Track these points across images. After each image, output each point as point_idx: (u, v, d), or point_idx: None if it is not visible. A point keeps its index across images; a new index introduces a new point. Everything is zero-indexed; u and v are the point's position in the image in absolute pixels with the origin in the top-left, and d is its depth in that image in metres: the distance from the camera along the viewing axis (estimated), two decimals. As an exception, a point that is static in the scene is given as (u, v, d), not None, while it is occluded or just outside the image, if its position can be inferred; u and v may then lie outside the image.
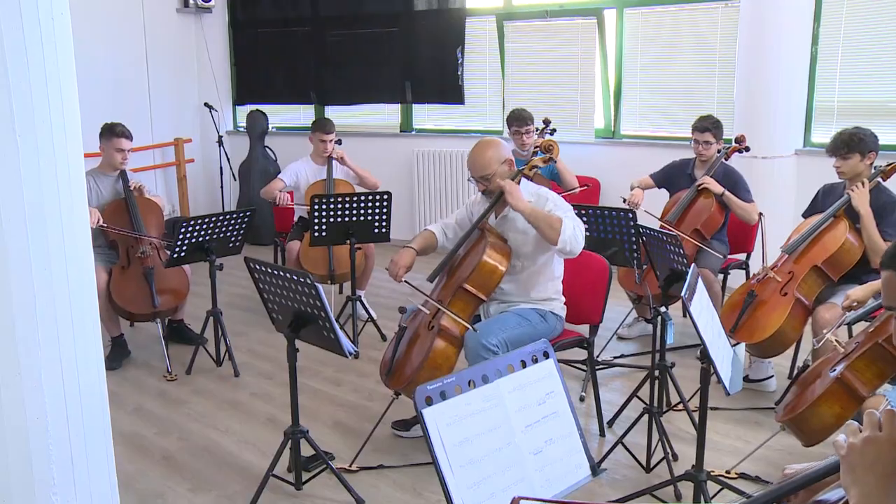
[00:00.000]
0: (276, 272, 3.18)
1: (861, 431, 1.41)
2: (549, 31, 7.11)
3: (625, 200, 4.98)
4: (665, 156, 5.45)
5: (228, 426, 4.15)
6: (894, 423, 1.39)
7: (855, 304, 3.68)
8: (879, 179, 4.04)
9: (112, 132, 5.03)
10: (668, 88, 6.75)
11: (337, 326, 3.09)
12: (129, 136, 5.07)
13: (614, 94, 6.96)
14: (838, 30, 5.86)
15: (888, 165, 4.04)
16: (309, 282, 3.02)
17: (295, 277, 3.09)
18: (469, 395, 1.90)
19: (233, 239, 4.87)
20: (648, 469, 3.55)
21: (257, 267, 3.27)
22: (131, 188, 5.06)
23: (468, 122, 7.85)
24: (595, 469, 2.08)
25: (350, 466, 3.63)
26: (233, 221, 4.82)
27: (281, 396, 4.45)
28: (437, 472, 1.81)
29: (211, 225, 4.72)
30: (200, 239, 4.70)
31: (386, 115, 8.33)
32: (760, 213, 4.87)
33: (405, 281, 3.81)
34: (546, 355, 2.06)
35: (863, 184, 4.00)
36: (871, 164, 4.05)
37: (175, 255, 4.66)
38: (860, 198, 3.96)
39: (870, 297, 3.72)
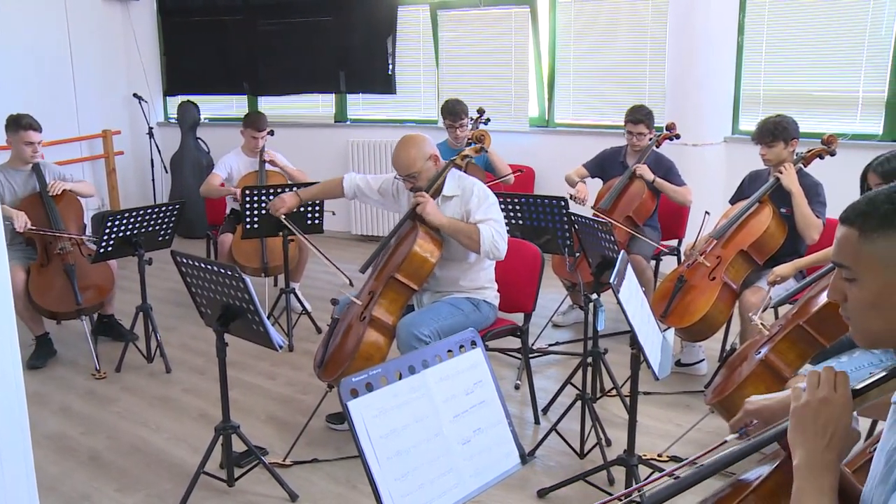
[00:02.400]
0: (203, 265, 3.11)
1: (817, 388, 1.40)
2: (483, 20, 7.11)
3: (572, 197, 5.00)
4: (598, 143, 5.50)
5: (159, 423, 4.06)
6: (846, 385, 1.39)
7: (779, 279, 3.78)
8: (801, 165, 4.15)
9: (18, 124, 4.81)
10: (600, 77, 6.81)
11: (266, 319, 3.04)
12: (37, 128, 4.85)
13: (548, 82, 7.00)
14: (762, 21, 5.99)
15: (809, 152, 4.16)
16: (236, 275, 2.97)
17: (222, 270, 3.03)
18: (395, 386, 1.88)
19: (162, 232, 4.77)
20: (582, 455, 3.59)
21: (184, 260, 3.20)
22: (49, 186, 4.88)
23: (403, 112, 7.81)
24: (524, 457, 2.08)
25: (284, 461, 3.59)
26: (161, 215, 4.71)
27: (214, 392, 4.35)
28: (363, 464, 1.79)
29: (139, 219, 4.60)
30: (128, 233, 4.59)
31: (320, 105, 8.24)
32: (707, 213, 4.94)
33: (284, 217, 4.26)
34: (474, 344, 2.05)
35: (789, 165, 4.10)
36: (794, 150, 4.16)
37: (101, 251, 4.53)
38: (790, 177, 4.07)
39: (793, 274, 3.82)
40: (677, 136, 5.14)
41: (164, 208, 4.72)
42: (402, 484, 1.82)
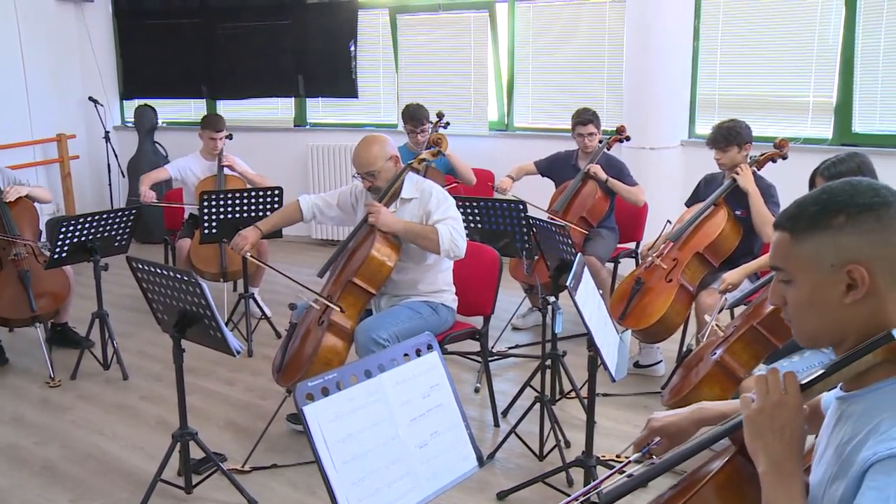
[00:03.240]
0: (159, 271, 3.08)
1: (768, 392, 1.42)
2: (442, 24, 7.14)
3: (494, 187, 5.08)
4: (557, 147, 5.53)
5: (115, 431, 4.00)
6: (796, 385, 1.41)
7: (730, 286, 3.84)
8: (754, 168, 4.23)
9: None
10: (559, 82, 6.87)
11: (223, 325, 3.02)
12: None
13: (507, 87, 7.04)
14: (716, 27, 6.09)
15: (761, 155, 4.24)
16: (193, 280, 2.94)
17: (178, 276, 3.01)
18: (351, 390, 1.87)
19: (118, 238, 4.70)
20: (541, 457, 3.61)
21: (140, 266, 3.16)
22: (4, 191, 4.78)
23: (363, 116, 7.80)
24: (482, 459, 2.08)
25: (242, 467, 3.57)
26: (118, 220, 4.65)
27: (172, 398, 4.25)
28: (319, 469, 1.78)
29: (94, 224, 4.54)
30: (83, 238, 4.52)
31: (279, 109, 8.20)
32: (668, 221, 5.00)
33: (252, 258, 4.06)
34: (430, 348, 2.06)
35: (745, 167, 4.17)
36: (748, 154, 4.24)
37: (55, 257, 4.46)
38: (746, 178, 4.14)
39: (743, 279, 3.89)
40: (627, 139, 5.22)
41: (120, 213, 4.66)
42: (359, 488, 1.82)
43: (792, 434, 1.38)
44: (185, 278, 2.97)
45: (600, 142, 5.14)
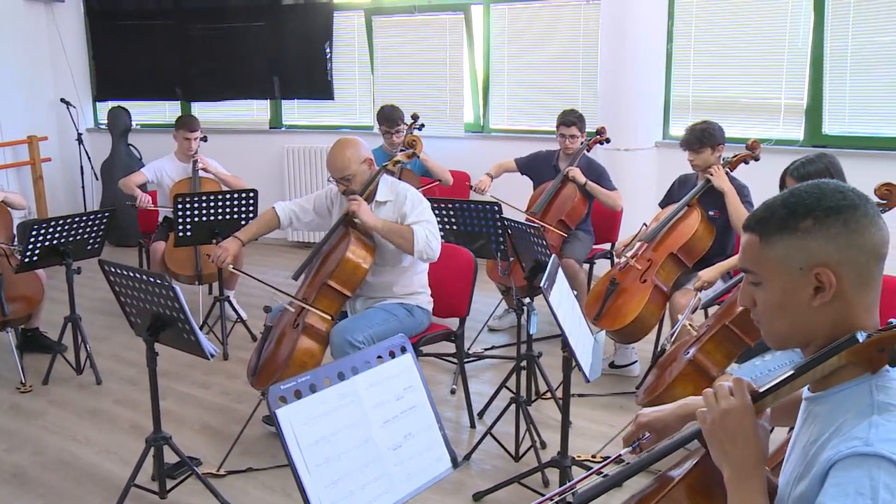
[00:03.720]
0: (131, 274, 3.06)
1: (717, 402, 1.44)
2: (418, 26, 7.14)
3: (472, 187, 5.10)
4: (533, 149, 5.54)
5: (88, 436, 3.97)
6: (743, 390, 1.43)
7: (706, 284, 3.88)
8: (727, 169, 4.27)
9: None
10: (535, 83, 6.89)
11: (197, 328, 3.00)
12: None
13: (483, 88, 7.06)
14: (690, 29, 6.13)
15: (734, 157, 4.29)
16: (166, 283, 2.93)
17: (151, 279, 2.99)
18: (324, 392, 1.87)
19: (91, 241, 4.66)
20: (517, 458, 3.61)
21: (112, 269, 3.14)
22: None
23: (338, 118, 7.79)
24: (456, 461, 2.09)
25: (218, 471, 3.54)
26: (90, 223, 4.61)
27: (146, 403, 4.23)
28: (293, 472, 1.78)
29: (66, 227, 4.49)
30: (55, 242, 4.47)
31: (255, 111, 8.16)
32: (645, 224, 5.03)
33: (233, 268, 3.88)
34: (403, 350, 2.06)
35: (718, 168, 4.21)
36: (720, 155, 4.28)
37: (26, 260, 4.41)
38: (720, 178, 4.18)
39: (718, 278, 3.92)
40: (607, 141, 5.24)
41: (93, 216, 4.62)
42: (333, 491, 1.82)
43: (746, 439, 1.40)
44: (159, 281, 2.95)
45: (581, 144, 5.17)
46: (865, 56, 5.50)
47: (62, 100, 8.13)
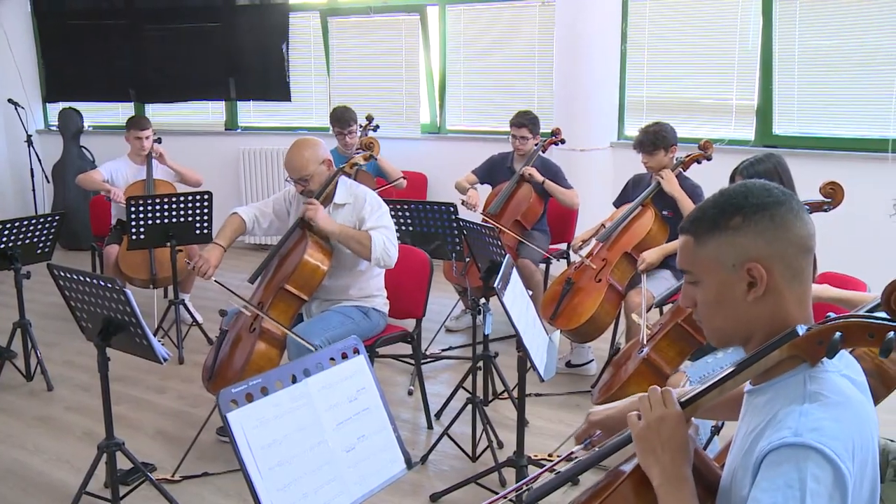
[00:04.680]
0: (81, 278, 3.01)
1: (651, 409, 1.49)
2: (373, 27, 7.13)
3: (464, 203, 5.08)
4: (490, 149, 5.59)
5: (38, 444, 3.89)
6: (674, 399, 1.48)
7: (649, 266, 3.95)
8: (681, 169, 4.33)
9: None
10: (491, 84, 6.93)
11: (149, 332, 2.96)
12: None
13: (439, 89, 7.07)
14: (643, 30, 6.21)
15: (687, 157, 4.34)
16: (117, 287, 2.88)
17: (102, 283, 2.94)
18: (276, 395, 1.87)
19: (41, 245, 4.57)
20: (474, 458, 3.63)
21: (61, 273, 3.08)
22: None
23: (295, 120, 7.75)
24: (410, 462, 2.09)
25: (172, 476, 3.50)
26: (40, 226, 4.53)
27: (99, 408, 4.12)
28: (244, 476, 1.77)
29: (14, 230, 4.41)
30: (3, 246, 4.38)
31: (210, 112, 8.08)
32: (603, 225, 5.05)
33: (216, 281, 3.69)
34: (356, 352, 2.06)
35: (669, 171, 4.27)
36: (673, 156, 4.33)
37: (-27, 265, 4.32)
38: (671, 183, 4.23)
39: (661, 259, 3.99)
40: (562, 141, 5.28)
41: (42, 219, 4.53)
42: (285, 494, 1.81)
43: (678, 444, 1.45)
44: (109, 285, 2.91)
45: (536, 144, 5.20)
46: (812, 58, 5.61)
47: (9, 100, 7.97)
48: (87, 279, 2.99)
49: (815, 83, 5.65)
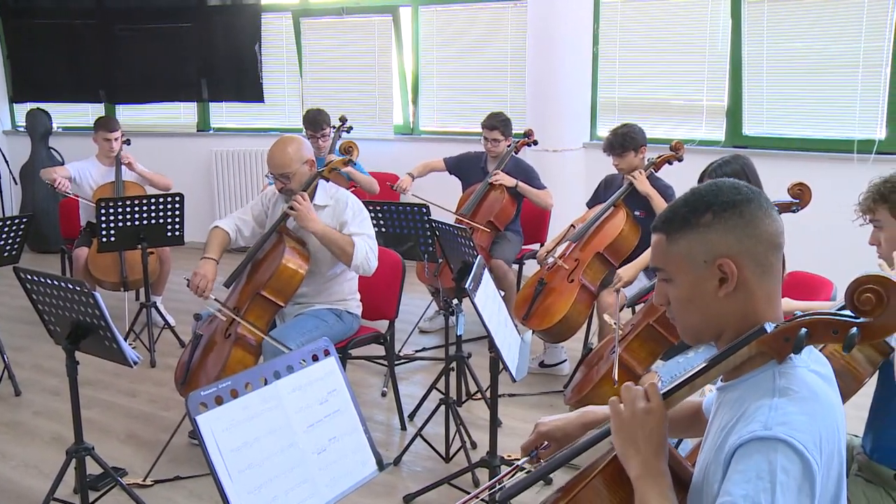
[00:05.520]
0: (49, 281, 2.97)
1: (635, 401, 1.49)
2: (346, 28, 7.12)
3: (393, 186, 5.12)
4: (463, 150, 5.58)
5: (6, 450, 3.84)
6: (657, 393, 1.50)
7: (626, 283, 3.96)
8: (652, 170, 4.36)
9: None
10: (464, 85, 6.94)
11: (119, 335, 2.93)
12: None
13: (412, 90, 7.07)
14: (615, 32, 6.25)
15: (658, 158, 4.37)
16: (85, 290, 2.85)
17: (70, 286, 2.91)
18: (246, 398, 1.85)
19: (8, 247, 4.51)
20: (448, 459, 3.63)
21: (28, 276, 3.05)
22: None
23: (267, 121, 7.71)
24: (381, 463, 2.09)
25: (144, 480, 3.47)
26: (6, 229, 4.47)
27: (69, 413, 4.11)
28: (214, 479, 1.76)
29: (-21, 234, 4.35)
30: (-32, 249, 4.33)
31: (182, 114, 8.02)
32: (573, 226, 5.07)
33: (215, 299, 3.61)
34: (327, 353, 2.05)
35: (641, 172, 4.30)
36: (644, 157, 4.37)
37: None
38: (643, 183, 4.26)
39: (636, 275, 4.01)
40: (535, 143, 5.30)
41: (9, 222, 4.48)
42: (256, 497, 1.80)
43: (659, 438, 1.47)
44: (78, 288, 2.88)
45: (509, 145, 5.21)
46: (779, 61, 5.68)
47: (-24, 101, 7.87)
48: (55, 282, 2.95)
49: (783, 85, 5.72)
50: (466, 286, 2.70)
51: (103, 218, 4.83)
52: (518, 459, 3.48)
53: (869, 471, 2.21)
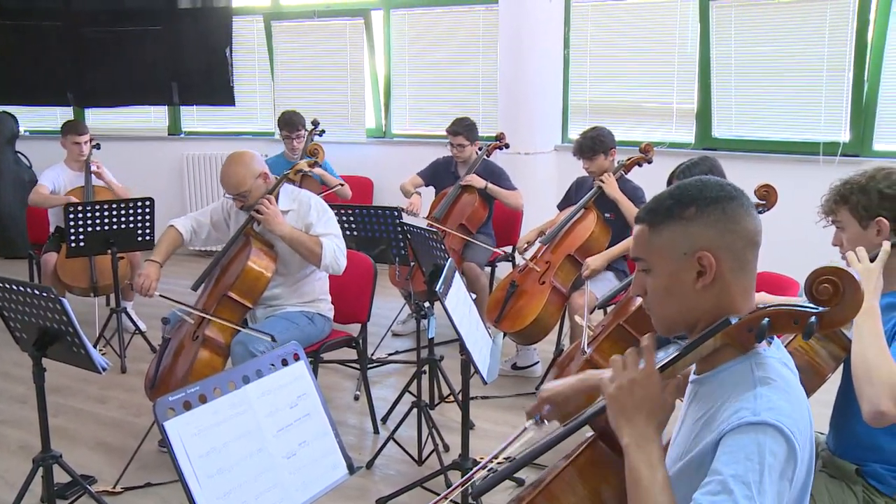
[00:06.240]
0: (14, 287, 2.93)
1: (626, 369, 1.52)
2: (318, 31, 7.11)
3: (405, 210, 5.07)
4: (435, 154, 5.60)
5: (-30, 460, 3.79)
6: (652, 356, 1.51)
7: (593, 272, 4.00)
8: (622, 172, 4.40)
9: None
10: (436, 88, 6.95)
11: (87, 341, 2.90)
12: None
13: (384, 94, 7.07)
14: (585, 36, 6.29)
15: (628, 160, 4.41)
16: (52, 296, 2.82)
17: (37, 292, 2.87)
18: (215, 403, 1.85)
19: (-27, 253, 4.46)
20: (420, 462, 3.63)
21: (-6, 283, 3.01)
22: None
23: (239, 124, 7.66)
24: (352, 467, 2.09)
25: (113, 488, 3.44)
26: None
27: (37, 421, 4.09)
28: (183, 485, 1.75)
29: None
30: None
31: (153, 117, 7.95)
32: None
33: (160, 295, 3.64)
34: (296, 357, 2.05)
35: (610, 175, 4.33)
36: (614, 159, 4.40)
37: None
38: (611, 187, 4.29)
39: (605, 265, 4.05)
40: (506, 146, 5.32)
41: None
42: (225, 502, 1.80)
43: (652, 405, 1.49)
44: (45, 294, 2.85)
45: (480, 149, 5.23)
46: (747, 64, 5.76)
47: (-60, 104, 7.74)
48: (21, 288, 2.92)
49: (751, 88, 5.80)
50: (437, 290, 2.70)
51: (72, 223, 4.78)
52: (490, 460, 3.52)
53: (832, 466, 2.25)
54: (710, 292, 1.50)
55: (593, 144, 4.32)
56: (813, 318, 1.41)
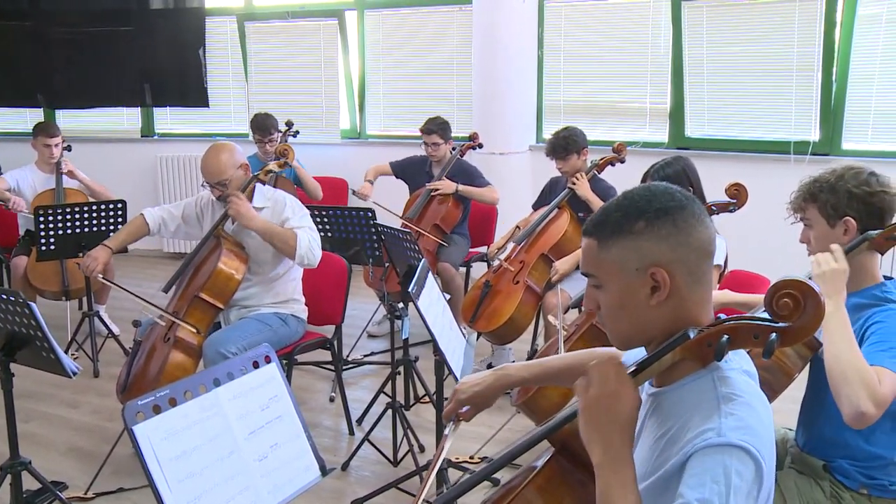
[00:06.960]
0: (-18, 292, 2.91)
1: (605, 382, 1.42)
2: (292, 32, 7.08)
3: (354, 192, 5.10)
4: (410, 154, 5.58)
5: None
6: (627, 375, 1.42)
7: (562, 276, 4.02)
8: (595, 172, 4.42)
9: None
10: (410, 89, 6.94)
11: (56, 346, 2.87)
12: None
13: (359, 95, 7.06)
14: (559, 35, 6.31)
15: (601, 160, 4.43)
16: (20, 300, 2.79)
17: (4, 296, 2.84)
18: (185, 406, 1.83)
19: (-59, 257, 4.40)
20: (396, 463, 3.63)
21: (-38, 287, 2.98)
22: None
23: (213, 126, 7.61)
24: (325, 469, 2.08)
25: (85, 494, 3.41)
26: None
27: (6, 428, 4.06)
28: (152, 490, 1.74)
29: None
30: None
31: (125, 119, 7.87)
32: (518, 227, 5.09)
33: (104, 280, 3.73)
34: (268, 360, 2.04)
35: (581, 176, 4.35)
36: (586, 159, 4.43)
37: None
38: (583, 188, 4.31)
39: (573, 267, 4.07)
40: (480, 146, 5.33)
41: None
42: (196, 506, 1.79)
43: (626, 422, 1.39)
44: (12, 298, 2.82)
45: (453, 149, 5.23)
46: (719, 64, 5.81)
47: None
48: (-12, 293, 2.89)
49: (723, 88, 5.85)
50: (410, 290, 2.70)
51: (42, 226, 4.73)
52: (466, 460, 3.53)
53: (801, 462, 2.28)
54: (666, 307, 1.44)
55: (566, 144, 4.34)
56: (773, 336, 1.35)
